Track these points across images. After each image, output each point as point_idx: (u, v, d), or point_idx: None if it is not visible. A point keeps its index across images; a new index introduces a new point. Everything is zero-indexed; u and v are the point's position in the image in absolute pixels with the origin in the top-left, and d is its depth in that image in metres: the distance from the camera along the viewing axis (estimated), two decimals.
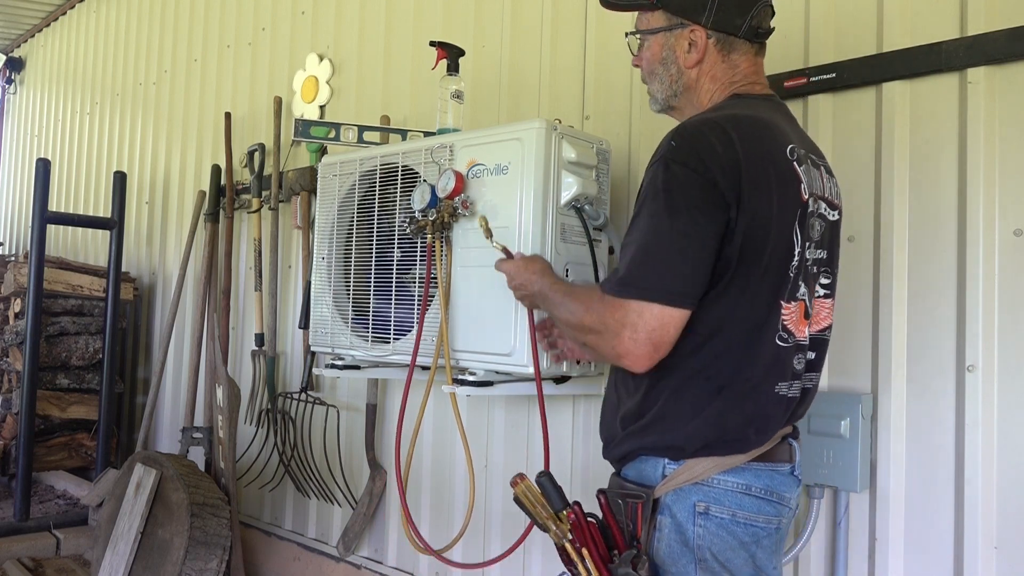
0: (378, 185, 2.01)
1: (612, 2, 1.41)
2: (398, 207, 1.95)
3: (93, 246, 4.76)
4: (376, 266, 2.01)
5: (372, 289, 2.01)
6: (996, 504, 1.51)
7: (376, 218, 2.02)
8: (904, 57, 1.64)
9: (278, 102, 3.20)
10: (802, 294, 1.24)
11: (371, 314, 2.01)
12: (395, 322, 1.94)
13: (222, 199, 3.41)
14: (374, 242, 2.01)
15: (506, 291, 1.69)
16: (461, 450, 2.43)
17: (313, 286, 2.21)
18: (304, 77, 3.14)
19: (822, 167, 1.33)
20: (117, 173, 3.73)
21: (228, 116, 3.43)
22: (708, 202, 1.13)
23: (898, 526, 1.62)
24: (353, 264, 2.08)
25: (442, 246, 1.79)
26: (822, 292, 1.32)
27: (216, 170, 3.44)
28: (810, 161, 1.27)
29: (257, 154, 3.23)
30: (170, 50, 4.14)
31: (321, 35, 3.14)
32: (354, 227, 2.09)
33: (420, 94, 2.70)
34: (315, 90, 3.09)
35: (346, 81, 3.01)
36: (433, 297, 1.83)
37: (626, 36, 1.44)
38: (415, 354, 1.81)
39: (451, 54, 2.07)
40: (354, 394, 2.82)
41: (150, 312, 4.17)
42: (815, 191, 1.26)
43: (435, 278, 1.80)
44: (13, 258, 4.29)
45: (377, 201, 2.02)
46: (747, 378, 1.20)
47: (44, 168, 3.45)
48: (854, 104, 1.73)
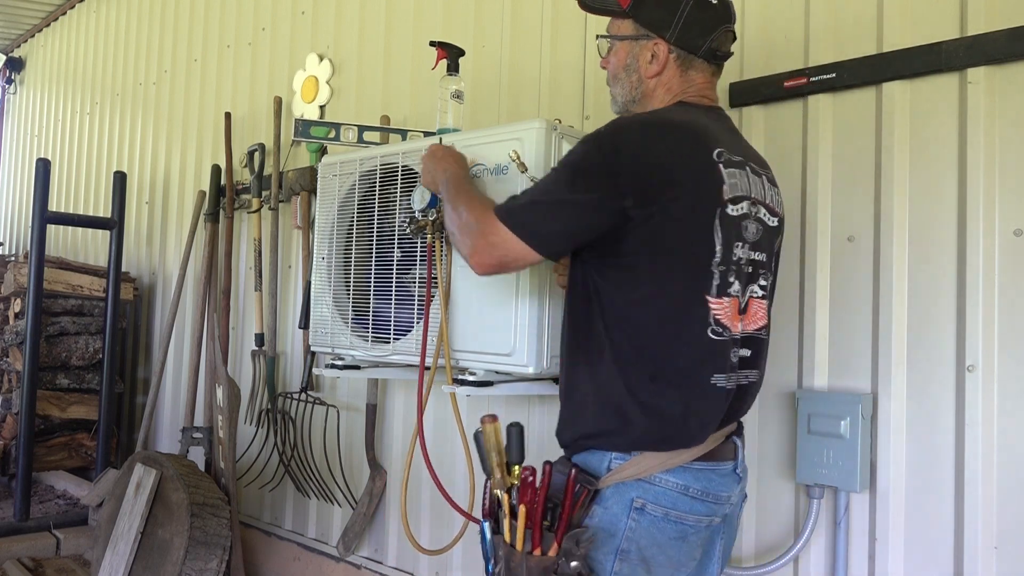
0: (378, 185, 2.01)
1: (587, 4, 1.49)
2: (398, 207, 1.95)
3: (93, 246, 4.76)
4: (376, 266, 2.01)
5: (372, 289, 2.01)
6: (996, 504, 1.51)
7: (376, 218, 2.02)
8: (904, 57, 1.64)
9: (278, 102, 3.20)
10: (735, 291, 1.31)
11: (371, 314, 2.01)
12: (395, 322, 1.94)
13: (222, 199, 3.41)
14: (374, 242, 2.01)
15: (507, 291, 1.69)
16: (461, 449, 2.43)
17: (313, 286, 2.21)
18: (304, 77, 3.14)
19: (764, 176, 1.40)
20: (117, 173, 3.73)
21: (228, 116, 3.43)
22: (602, 187, 1.25)
23: (898, 526, 1.62)
24: (353, 264, 2.08)
25: (442, 246, 1.79)
26: (759, 293, 1.37)
27: (216, 170, 3.44)
28: (749, 168, 1.35)
29: (257, 154, 3.23)
30: (170, 50, 4.15)
31: (321, 35, 3.14)
32: (354, 227, 2.09)
33: (420, 94, 2.70)
34: (315, 90, 3.09)
35: (346, 81, 3.01)
36: (433, 297, 1.83)
37: (597, 39, 1.53)
38: (423, 354, 1.81)
39: (451, 54, 2.07)
40: (354, 394, 2.82)
41: (150, 312, 4.17)
42: (754, 195, 1.34)
43: (435, 278, 1.80)
44: (13, 258, 4.29)
45: (377, 201, 2.02)
46: (678, 367, 1.27)
47: (44, 168, 3.45)
48: (854, 104, 1.73)
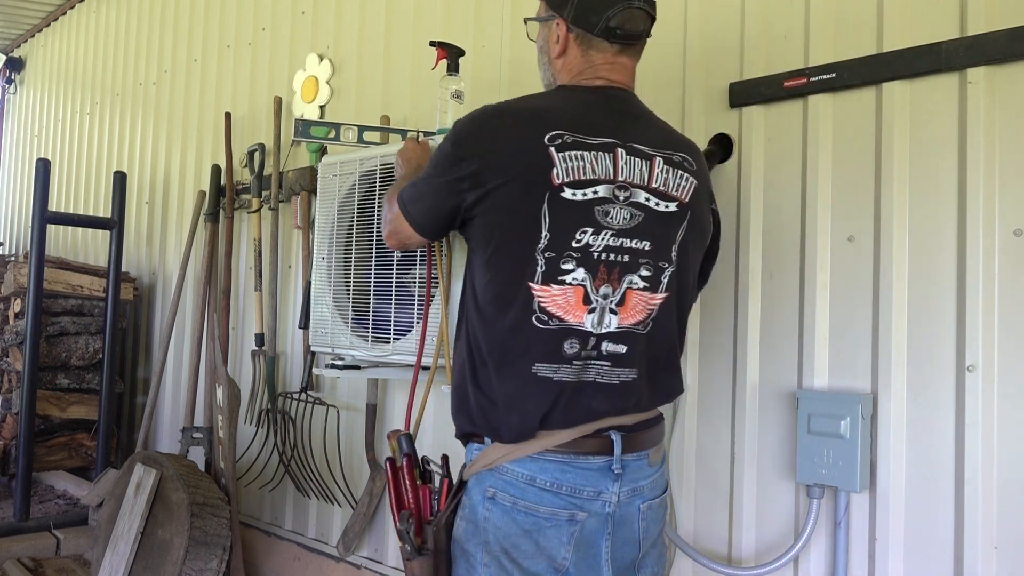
0: (378, 185, 2.01)
1: None
2: None
3: (93, 246, 4.76)
4: (376, 266, 2.01)
5: (372, 289, 2.01)
6: (996, 504, 1.51)
7: (376, 218, 2.02)
8: (904, 57, 1.64)
9: (278, 102, 3.20)
10: (577, 279, 1.27)
11: (371, 314, 2.01)
12: (395, 322, 1.94)
13: (222, 199, 3.41)
14: (374, 242, 2.01)
15: None
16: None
17: (313, 286, 2.21)
18: (304, 77, 3.14)
19: (662, 159, 1.35)
20: (117, 173, 3.73)
21: (228, 116, 3.43)
22: (449, 171, 1.33)
23: (898, 526, 1.62)
24: (353, 264, 2.08)
25: (442, 245, 1.79)
26: (640, 284, 1.32)
27: (216, 170, 3.44)
28: (626, 151, 1.31)
29: (257, 154, 3.23)
30: (170, 50, 4.15)
31: (321, 35, 3.14)
32: (354, 227, 2.09)
33: (420, 94, 2.70)
34: (315, 90, 3.09)
35: (346, 81, 3.01)
36: (434, 297, 1.83)
37: (525, 21, 1.53)
38: (420, 354, 1.81)
39: (451, 54, 2.07)
40: (354, 394, 2.82)
41: (150, 312, 4.17)
42: (623, 179, 1.30)
43: (436, 278, 1.80)
44: (13, 258, 4.29)
45: (377, 201, 2.02)
46: (503, 354, 1.29)
47: (44, 168, 3.45)
48: (854, 104, 1.73)
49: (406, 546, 1.36)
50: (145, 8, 4.47)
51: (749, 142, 1.87)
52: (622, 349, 1.32)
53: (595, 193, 1.27)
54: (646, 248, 1.32)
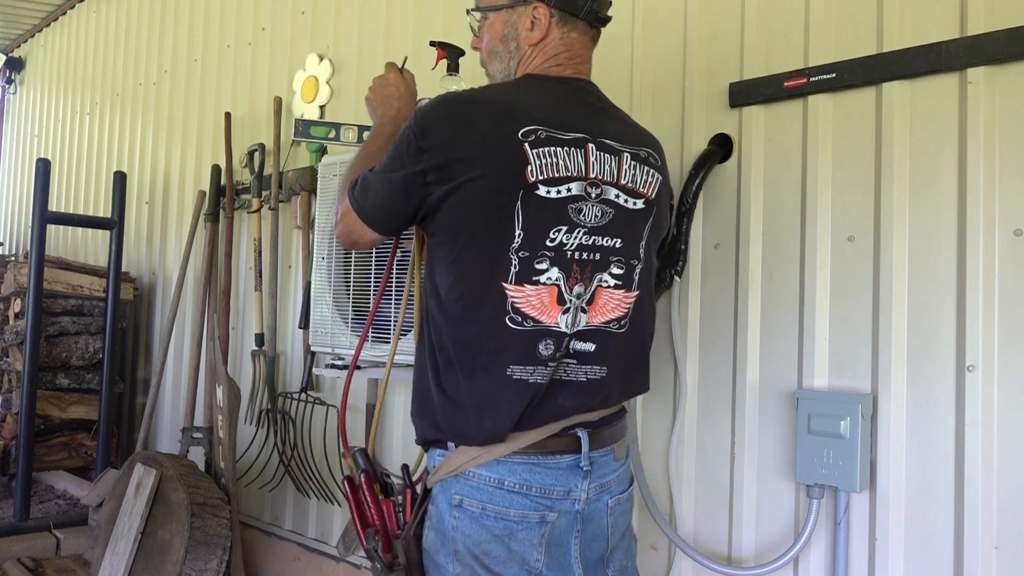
0: None
1: None
2: None
3: (93, 246, 4.76)
4: (376, 266, 2.01)
5: (372, 289, 2.01)
6: (996, 504, 1.51)
7: None
8: (904, 57, 1.64)
9: (278, 102, 3.19)
10: (551, 279, 1.23)
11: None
12: (395, 322, 1.94)
13: (222, 199, 3.41)
14: None
15: None
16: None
17: (313, 286, 2.21)
18: (304, 77, 3.14)
19: (629, 155, 1.32)
20: (117, 173, 3.73)
21: (228, 116, 3.43)
22: (409, 164, 1.25)
23: (898, 526, 1.62)
24: (353, 264, 2.08)
25: (410, 236, 1.71)
26: (611, 282, 1.29)
27: (216, 170, 3.44)
28: (596, 146, 1.28)
29: (257, 154, 3.23)
30: (170, 50, 4.14)
31: (321, 35, 3.14)
32: None
33: (420, 94, 2.69)
34: (315, 90, 3.09)
35: (346, 81, 3.01)
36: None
37: (467, 13, 1.45)
38: (359, 349, 1.78)
39: (451, 54, 2.07)
40: (354, 394, 2.82)
41: (150, 312, 4.17)
42: (595, 176, 1.26)
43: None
44: (13, 258, 4.29)
45: None
46: (473, 356, 1.23)
47: (44, 168, 3.45)
48: (854, 104, 1.73)
49: (376, 564, 1.31)
50: (145, 8, 4.47)
51: (749, 142, 1.87)
52: (590, 347, 1.29)
53: (568, 191, 1.24)
54: (617, 246, 1.29)
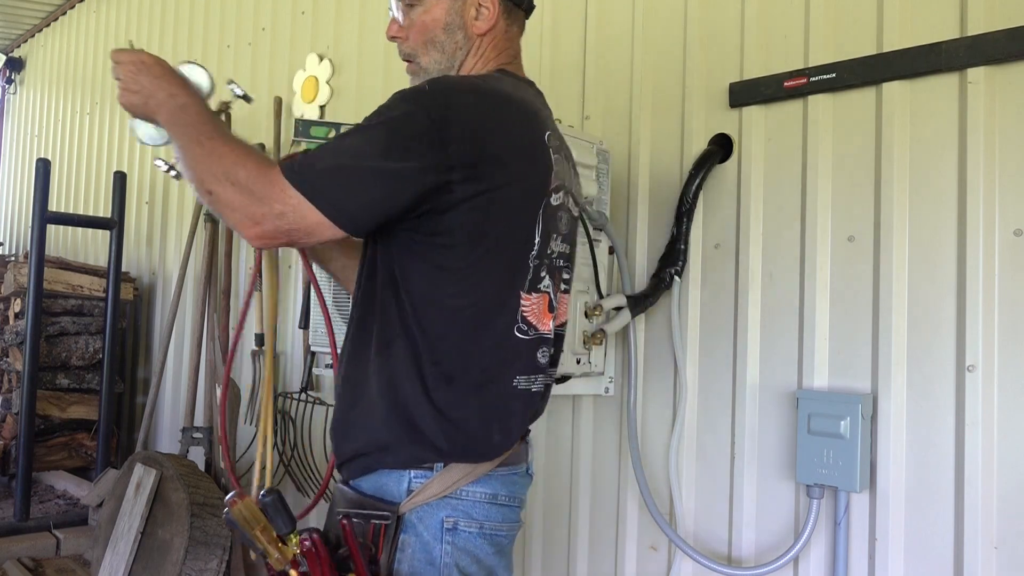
0: None
1: None
2: None
3: (93, 246, 4.76)
4: None
5: None
6: (996, 504, 1.51)
7: None
8: (904, 57, 1.64)
9: (278, 102, 3.19)
10: (546, 287, 1.19)
11: None
12: None
13: None
14: None
15: None
16: None
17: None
18: (304, 77, 3.14)
19: (571, 162, 1.30)
20: (117, 173, 3.73)
21: (228, 116, 3.42)
22: (427, 156, 1.05)
23: (898, 526, 1.62)
24: None
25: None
26: (563, 287, 1.26)
27: None
28: (563, 153, 1.24)
29: None
30: (170, 50, 4.14)
31: (321, 35, 3.14)
32: None
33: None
34: (315, 90, 3.09)
35: (346, 81, 3.01)
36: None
37: None
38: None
39: None
40: None
41: (150, 312, 4.17)
42: (565, 184, 1.22)
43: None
44: (13, 258, 4.29)
45: None
46: (482, 368, 1.13)
47: (44, 168, 3.45)
48: (854, 104, 1.73)
49: None
50: (145, 8, 4.47)
51: (749, 142, 1.87)
52: (553, 351, 1.26)
53: (560, 199, 1.20)
54: (568, 251, 1.28)
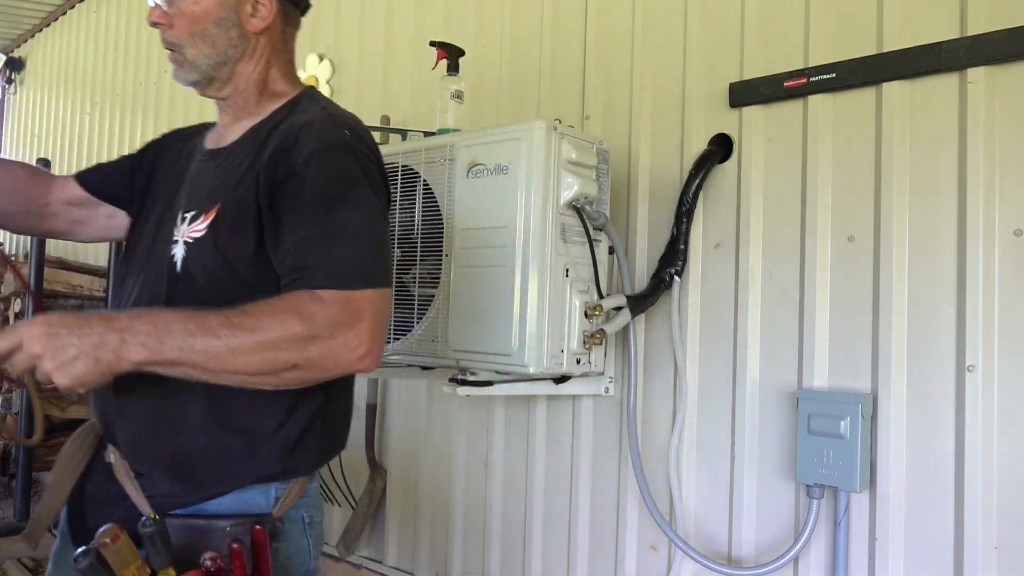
0: None
1: None
2: (398, 207, 1.95)
3: (93, 246, 4.75)
4: None
5: None
6: (996, 504, 1.51)
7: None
8: (904, 57, 1.64)
9: None
10: None
11: None
12: (395, 322, 1.94)
13: None
14: None
15: (506, 292, 1.69)
16: (461, 448, 2.43)
17: None
18: (304, 77, 3.14)
19: None
20: None
21: None
22: (384, 199, 1.15)
23: (898, 526, 1.62)
24: None
25: None
26: None
27: None
28: None
29: None
30: None
31: (321, 35, 3.14)
32: None
33: (420, 94, 2.70)
34: None
35: (346, 81, 3.01)
36: (432, 298, 1.83)
37: None
38: None
39: (451, 54, 2.07)
40: (357, 394, 2.81)
41: None
42: None
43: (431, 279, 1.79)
44: (13, 258, 4.29)
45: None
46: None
47: (44, 168, 3.45)
48: (854, 104, 1.73)
49: None
50: (145, 8, 4.46)
51: (749, 142, 1.87)
52: None
53: None
54: None
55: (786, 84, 1.79)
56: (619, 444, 2.07)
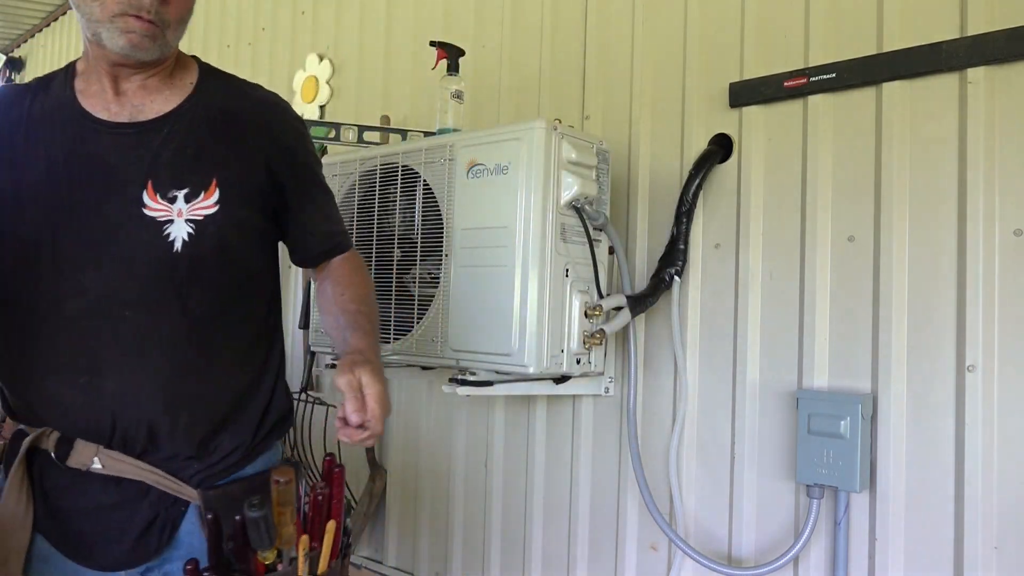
0: (378, 185, 2.01)
1: None
2: (398, 207, 1.95)
3: None
4: (376, 266, 2.01)
5: None
6: (996, 504, 1.51)
7: (376, 218, 2.02)
8: (904, 57, 1.64)
9: None
10: None
11: None
12: (395, 322, 1.94)
13: None
14: (374, 242, 2.01)
15: (506, 291, 1.69)
16: (461, 448, 2.43)
17: (313, 286, 2.21)
18: (304, 77, 3.14)
19: None
20: None
21: None
22: None
23: (898, 526, 1.62)
24: None
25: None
26: None
27: None
28: None
29: None
30: None
31: (321, 35, 3.14)
32: (354, 227, 2.09)
33: (420, 94, 2.70)
34: (315, 90, 3.09)
35: (346, 81, 3.01)
36: (432, 298, 1.83)
37: None
38: None
39: (451, 54, 2.07)
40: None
41: None
42: None
43: (437, 277, 1.80)
44: None
45: (377, 201, 2.02)
46: None
47: None
48: (854, 104, 1.73)
49: None
50: None
51: (749, 142, 1.87)
52: None
53: None
54: None
55: (786, 84, 1.79)
56: (619, 444, 2.07)
